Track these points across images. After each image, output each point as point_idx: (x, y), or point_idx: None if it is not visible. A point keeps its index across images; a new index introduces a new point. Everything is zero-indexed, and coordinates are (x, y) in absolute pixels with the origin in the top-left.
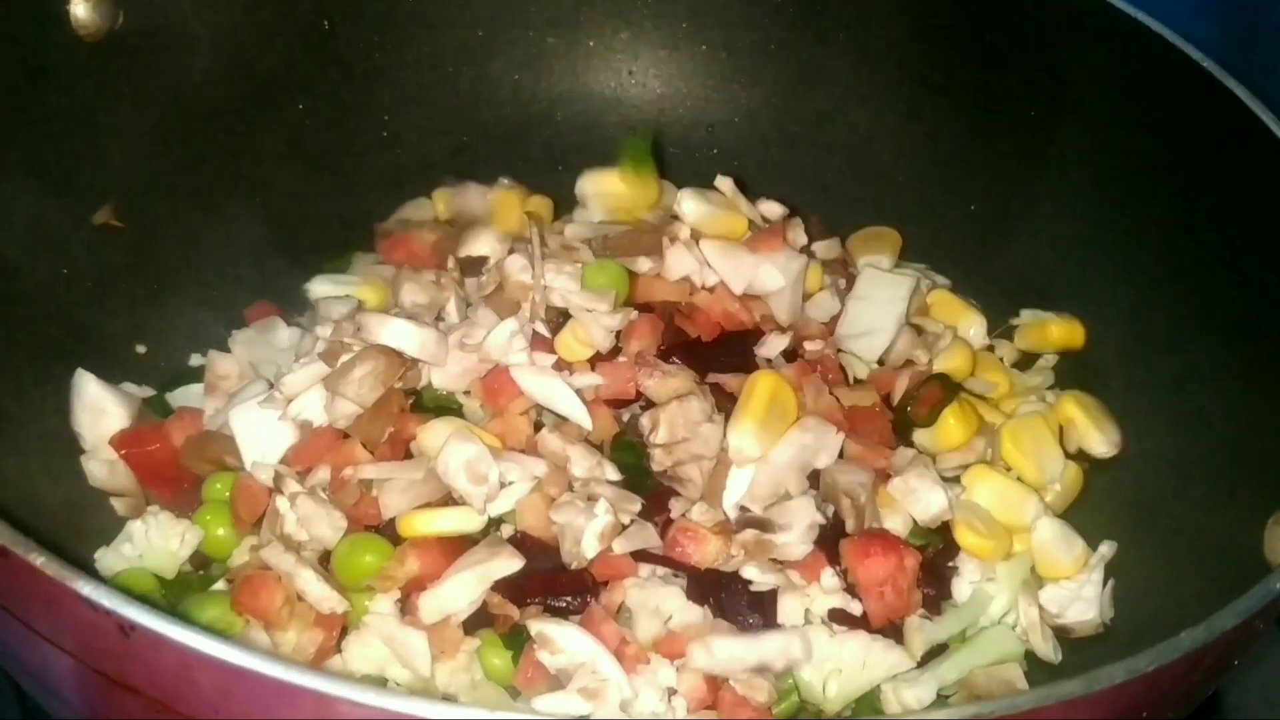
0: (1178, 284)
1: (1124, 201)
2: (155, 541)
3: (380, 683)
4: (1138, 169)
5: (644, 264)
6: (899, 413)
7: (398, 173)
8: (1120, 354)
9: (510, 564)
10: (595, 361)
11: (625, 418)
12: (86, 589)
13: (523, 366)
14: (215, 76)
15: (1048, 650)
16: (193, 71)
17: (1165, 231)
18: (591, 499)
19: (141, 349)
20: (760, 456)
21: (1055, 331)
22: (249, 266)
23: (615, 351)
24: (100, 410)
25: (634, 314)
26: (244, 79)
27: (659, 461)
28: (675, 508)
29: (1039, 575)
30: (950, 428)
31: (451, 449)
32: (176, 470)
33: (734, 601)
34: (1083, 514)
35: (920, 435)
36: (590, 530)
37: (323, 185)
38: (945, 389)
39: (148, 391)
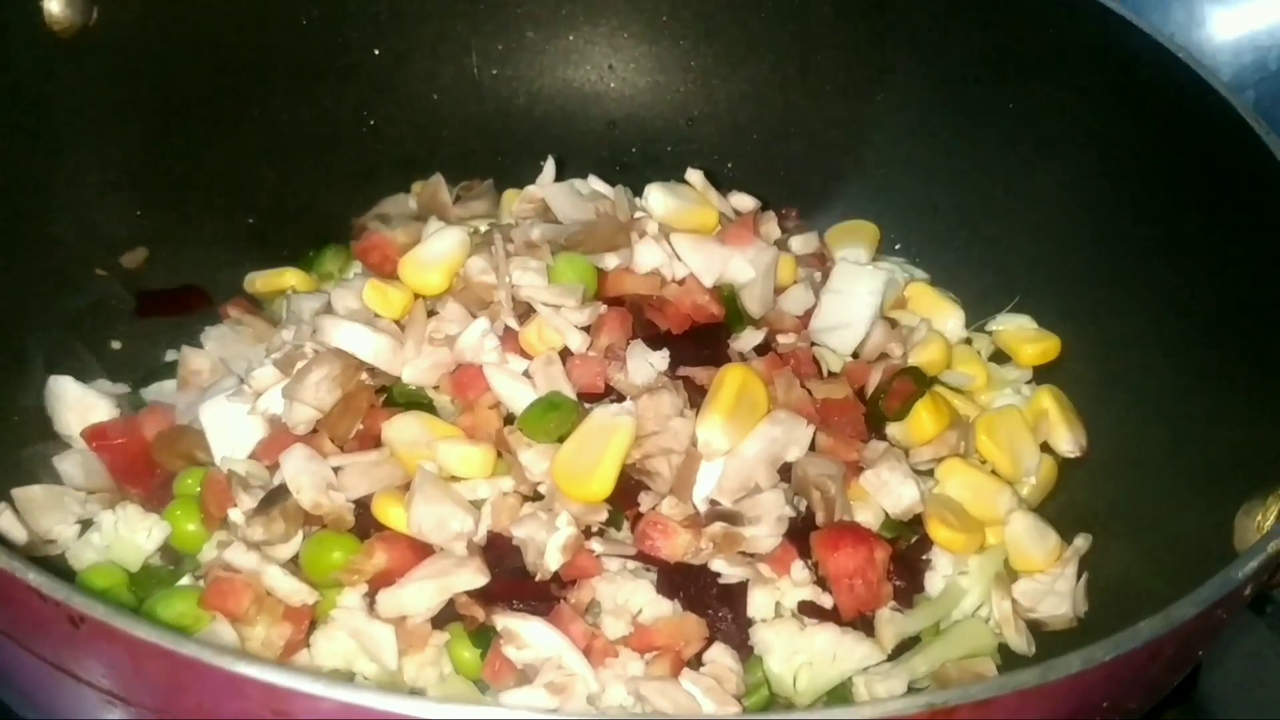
0: (1152, 280)
1: (1102, 198)
2: (122, 533)
3: (348, 677)
4: (1117, 166)
5: (612, 260)
6: (871, 406)
7: (376, 168)
8: (1094, 348)
9: (475, 580)
10: (565, 355)
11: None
12: (36, 580)
13: (495, 366)
14: (191, 72)
15: (1021, 643)
16: (168, 67)
17: (1141, 229)
18: (553, 512)
19: (116, 345)
20: (729, 449)
21: (1030, 350)
22: (224, 262)
23: None
24: (87, 407)
25: (603, 308)
26: (221, 74)
27: (628, 455)
28: (644, 501)
29: (1012, 569)
30: (922, 421)
31: (419, 510)
32: (149, 465)
33: (703, 595)
34: (1056, 507)
35: (893, 429)
36: (553, 543)
37: (300, 180)
38: (917, 382)
39: (123, 388)
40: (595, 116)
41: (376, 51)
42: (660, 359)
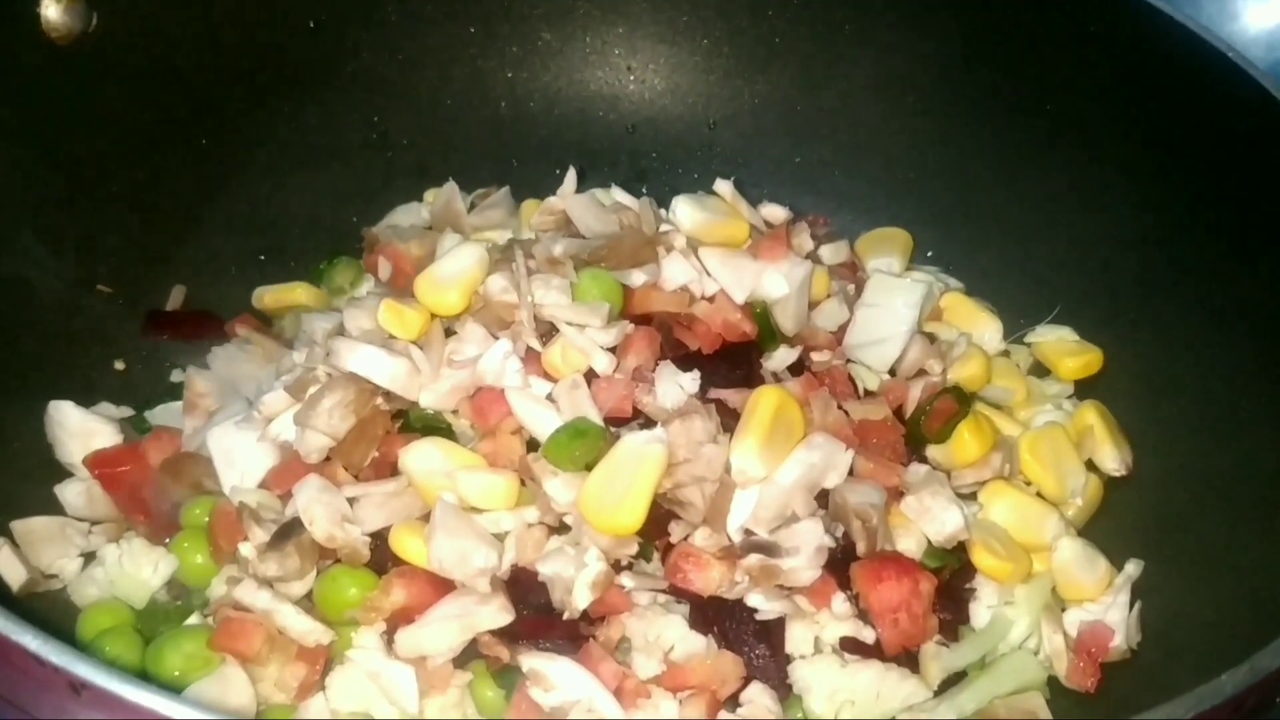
0: (1199, 287)
1: (1144, 201)
2: (127, 568)
3: None
4: (1159, 168)
5: (639, 276)
6: (911, 426)
7: (388, 176)
8: (1139, 360)
9: (499, 618)
10: (590, 377)
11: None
12: (34, 644)
13: (518, 390)
14: (195, 79)
15: None
16: (171, 74)
17: (1187, 231)
18: (581, 546)
19: (120, 365)
20: (765, 477)
21: (1071, 363)
22: (232, 276)
23: None
24: (88, 432)
25: (630, 327)
26: (226, 81)
27: (659, 485)
28: (675, 532)
29: (1061, 597)
30: (965, 443)
31: (440, 544)
32: (154, 493)
33: (739, 630)
34: (1105, 532)
35: (933, 450)
36: (581, 580)
37: (308, 190)
38: (959, 402)
39: (126, 411)
40: (613, 121)
41: (386, 55)
42: (690, 381)
